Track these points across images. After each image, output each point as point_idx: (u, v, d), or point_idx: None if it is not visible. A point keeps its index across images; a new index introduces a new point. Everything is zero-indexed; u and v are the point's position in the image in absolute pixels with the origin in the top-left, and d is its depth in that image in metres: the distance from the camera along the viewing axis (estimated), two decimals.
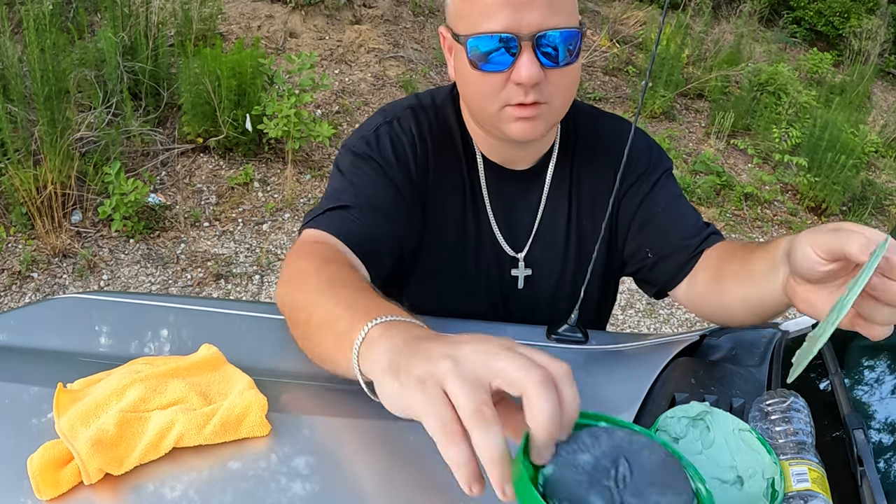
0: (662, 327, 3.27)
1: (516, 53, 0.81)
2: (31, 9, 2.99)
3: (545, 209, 1.05)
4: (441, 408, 0.48)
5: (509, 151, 1.00)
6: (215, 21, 4.28)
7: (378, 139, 0.97)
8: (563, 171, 1.05)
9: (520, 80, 0.81)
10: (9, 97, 2.95)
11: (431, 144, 1.00)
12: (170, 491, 0.62)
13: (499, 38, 0.80)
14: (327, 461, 0.67)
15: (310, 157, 3.88)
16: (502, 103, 0.86)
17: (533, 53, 0.81)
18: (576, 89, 0.91)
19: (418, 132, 0.99)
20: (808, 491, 0.63)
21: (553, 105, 0.87)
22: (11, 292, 2.76)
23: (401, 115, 1.00)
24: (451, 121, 1.02)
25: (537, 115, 0.86)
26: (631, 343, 0.98)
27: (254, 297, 3.00)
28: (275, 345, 0.91)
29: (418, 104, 1.02)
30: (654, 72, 5.15)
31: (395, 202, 0.94)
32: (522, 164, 1.03)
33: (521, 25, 0.79)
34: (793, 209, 4.61)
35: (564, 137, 1.05)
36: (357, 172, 0.95)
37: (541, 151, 1.03)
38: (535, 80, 0.81)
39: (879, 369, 0.96)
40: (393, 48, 4.92)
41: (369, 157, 0.96)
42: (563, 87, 0.86)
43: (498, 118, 0.88)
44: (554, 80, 0.84)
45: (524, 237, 1.06)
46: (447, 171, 1.01)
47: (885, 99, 6.91)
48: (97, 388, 0.71)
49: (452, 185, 1.01)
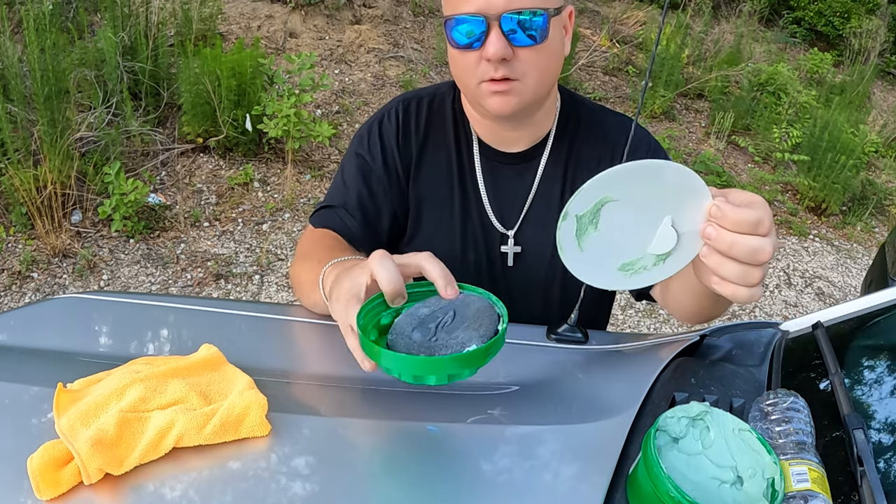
0: (662, 327, 3.27)
1: (486, 32, 0.89)
2: (31, 9, 2.99)
3: (538, 191, 1.08)
4: (341, 316, 0.74)
5: (502, 133, 1.06)
6: (215, 21, 4.28)
7: (369, 135, 1.09)
8: (558, 156, 1.08)
9: (488, 56, 0.90)
10: (9, 97, 2.95)
11: (419, 129, 1.09)
12: (170, 491, 0.62)
13: (471, 19, 0.89)
14: (327, 461, 0.67)
15: (310, 157, 3.88)
16: (478, 79, 0.94)
17: (500, 31, 0.88)
18: (554, 70, 0.97)
19: (404, 122, 1.09)
20: (808, 491, 0.63)
21: (526, 82, 0.93)
22: (11, 292, 2.76)
23: (392, 108, 1.10)
24: (447, 108, 1.10)
25: (509, 90, 0.93)
26: (631, 343, 0.98)
27: (254, 297, 2.99)
28: (275, 345, 0.91)
29: (414, 96, 1.12)
30: (654, 72, 5.15)
31: (376, 193, 1.08)
32: (517, 147, 1.07)
33: (490, 6, 0.88)
34: (793, 209, 4.61)
35: (563, 123, 1.08)
36: (349, 170, 1.09)
37: (535, 135, 1.07)
38: (501, 55, 0.89)
39: (879, 369, 0.96)
40: (393, 48, 4.92)
41: (359, 154, 1.09)
42: (534, 65, 0.93)
43: (477, 93, 0.96)
44: (524, 58, 0.91)
45: (515, 216, 1.09)
46: (438, 151, 1.09)
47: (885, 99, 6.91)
48: (97, 388, 0.71)
49: (443, 163, 1.09)
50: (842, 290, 3.90)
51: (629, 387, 0.82)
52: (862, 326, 1.08)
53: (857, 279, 4.04)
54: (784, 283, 3.85)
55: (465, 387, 0.80)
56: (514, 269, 1.11)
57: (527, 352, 0.92)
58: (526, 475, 0.66)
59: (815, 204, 4.66)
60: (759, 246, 0.62)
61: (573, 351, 0.92)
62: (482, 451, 0.70)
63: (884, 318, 1.06)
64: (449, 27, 0.92)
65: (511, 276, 1.11)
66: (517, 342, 0.93)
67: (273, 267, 3.16)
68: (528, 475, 0.66)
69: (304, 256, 0.99)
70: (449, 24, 0.92)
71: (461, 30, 0.90)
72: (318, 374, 0.85)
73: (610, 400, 0.80)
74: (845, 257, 4.27)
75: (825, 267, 4.11)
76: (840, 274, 4.07)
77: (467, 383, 0.83)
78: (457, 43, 0.92)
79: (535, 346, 0.93)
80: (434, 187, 1.09)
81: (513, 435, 0.73)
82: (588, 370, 0.89)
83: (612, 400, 0.80)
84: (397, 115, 1.09)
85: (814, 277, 3.97)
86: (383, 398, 0.79)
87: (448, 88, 1.11)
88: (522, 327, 0.96)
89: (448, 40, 0.94)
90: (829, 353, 0.94)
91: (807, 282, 3.91)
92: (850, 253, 4.34)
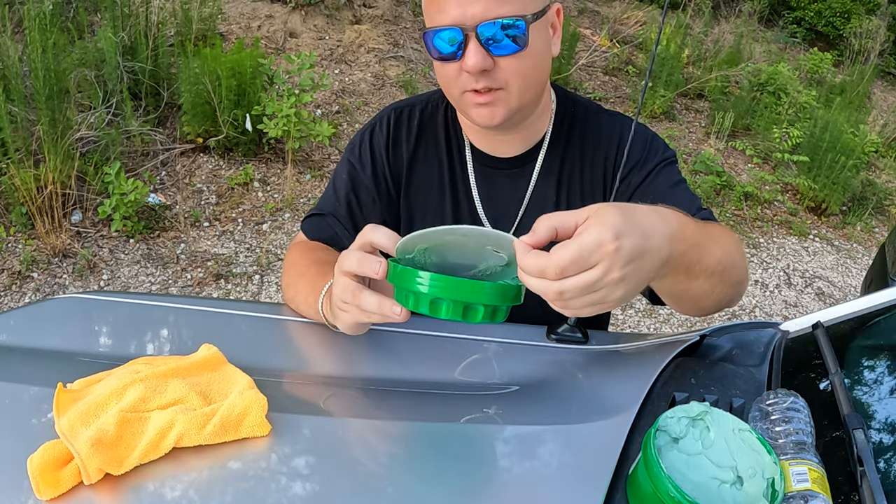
0: (662, 327, 3.27)
1: (464, 43, 0.88)
2: (32, 8, 2.99)
3: (532, 196, 1.07)
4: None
5: (495, 138, 1.05)
6: (215, 21, 4.28)
7: (360, 144, 1.09)
8: (553, 160, 1.06)
9: (467, 68, 0.88)
10: (9, 97, 2.95)
11: (409, 138, 1.08)
12: (170, 491, 0.62)
13: (448, 31, 0.88)
14: (327, 461, 0.67)
15: (310, 157, 3.88)
16: (461, 89, 0.93)
17: (478, 43, 0.87)
18: (540, 75, 0.95)
19: (395, 129, 1.08)
20: (808, 491, 0.63)
21: (510, 90, 0.92)
22: (11, 292, 2.76)
23: (384, 116, 1.10)
24: (439, 116, 1.09)
25: (494, 100, 0.92)
26: (631, 343, 0.98)
27: (254, 297, 2.99)
28: (275, 345, 0.91)
29: (407, 104, 1.11)
30: (654, 72, 5.15)
31: (365, 203, 1.08)
32: (510, 152, 1.06)
33: (466, 17, 0.86)
34: (793, 209, 4.61)
35: (558, 127, 1.07)
36: (340, 177, 1.10)
37: (530, 139, 1.05)
38: (480, 67, 0.87)
39: (879, 369, 0.96)
40: (393, 48, 4.92)
41: (350, 162, 1.09)
42: (516, 72, 0.91)
43: (461, 103, 0.95)
44: (505, 66, 0.90)
45: (509, 222, 1.08)
46: (429, 160, 1.08)
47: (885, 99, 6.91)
48: (97, 388, 0.71)
49: (434, 172, 1.08)
50: (842, 290, 3.90)
51: (629, 387, 0.82)
52: (862, 326, 1.08)
53: (857, 279, 4.04)
54: (784, 283, 3.85)
55: (465, 387, 0.80)
56: None
57: (527, 352, 0.92)
58: (526, 475, 0.66)
59: (815, 204, 4.66)
60: (591, 280, 0.60)
61: (573, 351, 0.92)
62: (482, 451, 0.70)
63: (884, 318, 1.06)
64: (428, 39, 0.91)
65: None
66: (517, 342, 0.93)
67: (273, 267, 3.16)
68: (528, 475, 0.66)
69: (296, 272, 0.99)
70: (428, 36, 0.91)
71: (438, 41, 0.89)
72: (318, 374, 0.85)
73: (610, 400, 0.80)
74: (845, 257, 4.27)
75: (825, 267, 4.11)
76: (840, 274, 4.07)
77: (467, 383, 0.83)
78: (437, 54, 0.91)
79: (535, 346, 0.93)
80: (426, 196, 1.09)
81: (513, 435, 0.73)
82: (588, 370, 0.89)
83: (612, 400, 0.80)
84: (388, 124, 1.08)
85: (814, 277, 3.97)
86: (383, 398, 0.79)
87: (440, 96, 1.10)
88: (522, 327, 0.96)
89: (428, 51, 0.93)
90: (829, 353, 0.94)
91: (807, 282, 3.91)
92: (850, 253, 4.34)
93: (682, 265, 0.73)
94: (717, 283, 0.83)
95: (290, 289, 0.98)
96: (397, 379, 0.83)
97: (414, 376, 0.84)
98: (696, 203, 1.02)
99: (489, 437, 0.72)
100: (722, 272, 0.83)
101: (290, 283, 0.98)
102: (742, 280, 0.90)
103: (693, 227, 0.75)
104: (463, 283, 0.65)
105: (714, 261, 0.80)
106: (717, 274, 0.82)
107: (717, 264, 0.81)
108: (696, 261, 0.76)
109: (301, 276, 0.97)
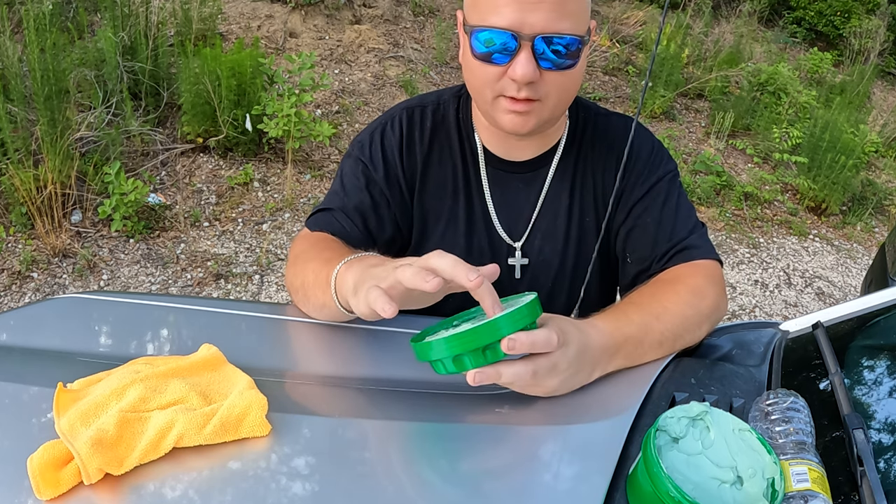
0: None
1: (515, 51, 0.84)
2: (31, 9, 2.99)
3: (545, 201, 1.06)
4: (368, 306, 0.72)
5: (509, 142, 1.03)
6: (215, 21, 4.28)
7: (371, 142, 1.05)
8: (567, 165, 1.06)
9: (514, 77, 0.85)
10: (9, 97, 2.95)
11: (423, 141, 1.05)
12: (170, 491, 0.62)
13: (501, 34, 0.83)
14: (327, 461, 0.67)
15: (310, 157, 3.88)
16: (497, 93, 0.90)
17: (531, 53, 0.84)
18: (575, 91, 0.94)
19: (408, 131, 1.05)
20: (808, 491, 0.63)
21: (547, 104, 0.90)
22: (11, 292, 2.76)
23: (395, 116, 1.06)
24: (451, 117, 1.06)
25: (529, 110, 0.90)
26: None
27: (254, 297, 2.99)
28: (275, 345, 0.91)
29: (418, 103, 1.08)
30: (654, 72, 5.15)
31: (378, 203, 1.04)
32: (523, 156, 1.05)
33: (524, 25, 0.82)
34: (793, 209, 4.61)
35: (573, 131, 1.06)
36: (349, 175, 1.05)
37: (544, 144, 1.05)
38: (529, 79, 0.85)
39: (879, 369, 0.96)
40: (393, 48, 4.91)
41: (360, 160, 1.05)
42: (559, 88, 0.89)
43: (493, 106, 0.92)
44: (550, 80, 0.88)
45: (522, 227, 1.07)
46: (442, 164, 1.06)
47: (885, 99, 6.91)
48: (97, 388, 0.71)
49: (448, 176, 1.06)
50: (842, 290, 3.90)
51: (629, 387, 0.82)
52: (862, 326, 1.08)
53: (857, 279, 4.04)
54: (784, 283, 3.85)
55: (465, 387, 0.80)
56: (521, 282, 1.09)
57: None
58: (526, 475, 0.66)
59: (815, 204, 4.66)
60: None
61: None
62: (482, 451, 0.70)
63: (884, 318, 1.06)
64: (474, 36, 0.86)
65: (518, 289, 1.09)
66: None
67: (273, 267, 3.16)
68: (528, 475, 0.66)
69: (304, 259, 0.94)
70: (474, 34, 0.86)
71: (487, 41, 0.85)
72: (318, 374, 0.85)
73: (610, 400, 0.80)
74: (845, 257, 4.27)
75: (825, 267, 4.11)
76: (840, 274, 4.07)
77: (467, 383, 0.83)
78: (479, 53, 0.87)
79: None
80: (439, 201, 1.06)
81: (513, 435, 0.73)
82: None
83: (612, 400, 0.80)
84: (401, 125, 1.05)
85: (814, 277, 3.97)
86: (383, 398, 0.79)
87: (451, 96, 1.08)
88: None
89: (470, 47, 0.88)
90: (829, 353, 0.94)
91: (807, 282, 3.91)
92: (850, 253, 4.34)
93: (623, 360, 0.84)
94: (670, 348, 0.88)
95: (297, 277, 0.93)
96: (397, 379, 0.83)
97: (414, 376, 0.83)
98: (690, 223, 1.03)
99: (489, 437, 0.72)
100: (674, 340, 0.88)
101: (298, 272, 0.93)
102: (702, 322, 0.93)
103: (628, 331, 0.83)
104: (476, 330, 0.67)
105: (659, 337, 0.86)
106: (666, 343, 0.87)
107: (663, 338, 0.87)
108: (635, 350, 0.84)
109: (311, 259, 0.92)
